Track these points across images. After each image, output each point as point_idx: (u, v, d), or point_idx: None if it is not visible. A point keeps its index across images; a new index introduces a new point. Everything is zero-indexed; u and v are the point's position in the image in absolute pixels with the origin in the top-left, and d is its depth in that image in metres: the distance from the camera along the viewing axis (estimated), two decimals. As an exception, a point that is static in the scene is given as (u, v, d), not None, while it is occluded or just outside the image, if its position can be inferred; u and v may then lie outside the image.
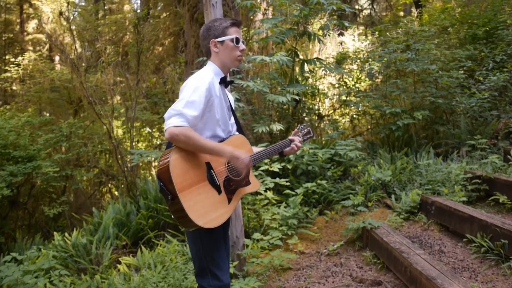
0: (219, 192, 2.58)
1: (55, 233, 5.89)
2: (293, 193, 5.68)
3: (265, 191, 5.58)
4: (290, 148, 3.04)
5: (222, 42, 2.72)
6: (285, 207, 5.46)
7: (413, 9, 14.27)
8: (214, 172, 2.58)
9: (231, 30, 2.73)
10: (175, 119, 2.42)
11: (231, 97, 2.99)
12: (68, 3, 12.76)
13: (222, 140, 2.72)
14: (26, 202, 8.74)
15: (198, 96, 2.49)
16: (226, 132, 2.77)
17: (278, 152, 3.01)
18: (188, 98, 2.47)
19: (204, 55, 2.90)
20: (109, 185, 10.86)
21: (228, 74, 2.98)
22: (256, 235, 4.88)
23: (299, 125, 3.26)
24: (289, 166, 6.01)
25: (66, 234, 5.74)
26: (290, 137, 3.11)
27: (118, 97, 11.29)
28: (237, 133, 2.91)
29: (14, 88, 16.28)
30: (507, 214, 4.81)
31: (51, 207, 8.27)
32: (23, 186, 8.50)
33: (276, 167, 5.80)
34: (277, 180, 5.65)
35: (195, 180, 2.49)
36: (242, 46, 2.77)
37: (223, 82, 2.75)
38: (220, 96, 2.70)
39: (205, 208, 2.47)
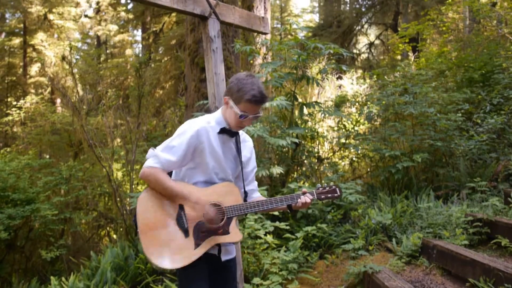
0: (186, 235, 2.57)
1: (52, 277, 5.81)
2: (293, 236, 5.63)
3: (265, 235, 5.53)
4: (294, 204, 2.78)
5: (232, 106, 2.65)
6: (285, 251, 5.40)
7: (410, 53, 14.53)
8: (184, 214, 2.59)
9: (246, 105, 2.61)
10: (151, 160, 2.58)
11: (245, 147, 2.91)
12: (71, 47, 12.98)
13: None
14: (23, 245, 8.64)
15: (178, 143, 2.58)
16: (225, 180, 2.77)
17: (277, 207, 2.80)
18: (169, 142, 2.60)
19: (204, 98, 2.93)
20: (108, 228, 10.76)
21: None
22: (256, 280, 4.81)
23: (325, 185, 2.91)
24: (289, 210, 5.98)
25: (63, 279, 5.67)
26: (301, 192, 2.82)
27: (119, 140, 11.34)
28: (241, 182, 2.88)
29: (15, 130, 16.39)
30: (509, 258, 4.75)
31: (49, 251, 8.15)
32: (21, 229, 8.42)
33: (276, 210, 5.77)
34: (277, 223, 5.62)
35: (163, 220, 2.58)
36: (245, 122, 2.68)
37: (224, 132, 2.72)
38: (216, 144, 2.68)
39: (162, 248, 2.53)
